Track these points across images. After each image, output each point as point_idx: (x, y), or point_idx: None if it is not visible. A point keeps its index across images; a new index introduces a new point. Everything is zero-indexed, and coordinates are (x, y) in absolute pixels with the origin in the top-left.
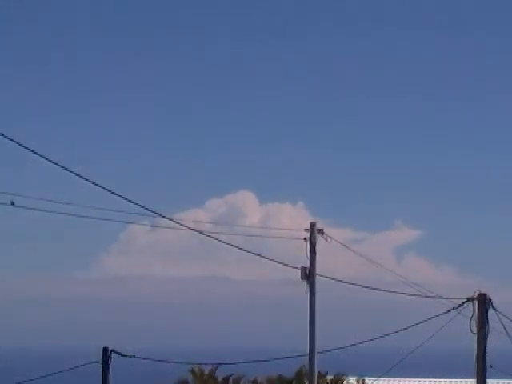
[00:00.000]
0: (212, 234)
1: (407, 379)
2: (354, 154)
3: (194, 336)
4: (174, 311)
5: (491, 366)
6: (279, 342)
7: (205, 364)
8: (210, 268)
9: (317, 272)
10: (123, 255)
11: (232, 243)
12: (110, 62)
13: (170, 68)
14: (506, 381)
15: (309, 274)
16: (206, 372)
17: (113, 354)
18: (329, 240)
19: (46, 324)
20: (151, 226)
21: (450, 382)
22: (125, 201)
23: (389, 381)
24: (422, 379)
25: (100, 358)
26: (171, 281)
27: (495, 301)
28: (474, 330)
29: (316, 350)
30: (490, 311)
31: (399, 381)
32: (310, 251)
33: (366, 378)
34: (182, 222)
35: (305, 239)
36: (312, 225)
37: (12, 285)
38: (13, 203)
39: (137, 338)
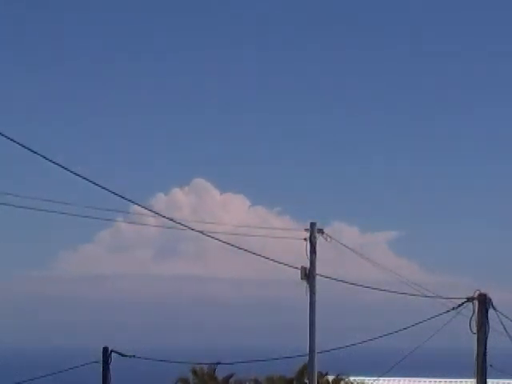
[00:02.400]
0: (212, 234)
1: (407, 379)
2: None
3: (194, 336)
4: (174, 311)
5: (491, 366)
6: (279, 341)
7: (205, 364)
8: (209, 268)
9: (317, 272)
10: (119, 254)
11: (232, 243)
12: (110, 62)
13: (170, 68)
14: (506, 381)
15: (309, 274)
16: (206, 371)
17: (113, 354)
18: (329, 240)
19: (46, 324)
20: (151, 225)
21: (450, 381)
22: (124, 200)
23: (389, 381)
24: (422, 379)
25: (100, 357)
26: (169, 280)
27: (494, 301)
28: (474, 329)
29: (316, 350)
30: (490, 311)
31: (399, 381)
32: (310, 251)
33: (366, 378)
34: (182, 222)
35: (305, 239)
36: (312, 224)
37: (11, 284)
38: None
39: (137, 338)
